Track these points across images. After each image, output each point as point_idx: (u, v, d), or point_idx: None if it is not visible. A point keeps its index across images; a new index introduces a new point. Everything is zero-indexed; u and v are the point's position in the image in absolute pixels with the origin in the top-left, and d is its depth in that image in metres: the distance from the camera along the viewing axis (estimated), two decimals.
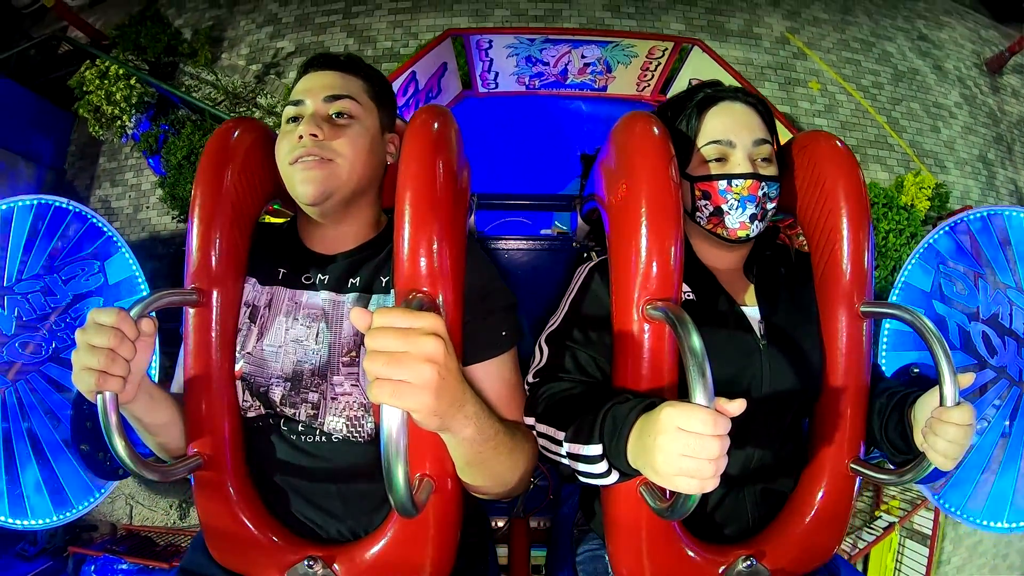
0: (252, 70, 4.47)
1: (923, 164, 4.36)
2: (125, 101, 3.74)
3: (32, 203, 1.79)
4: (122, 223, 4.28)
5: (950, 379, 0.67)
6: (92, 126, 3.90)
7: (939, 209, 3.92)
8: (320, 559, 0.79)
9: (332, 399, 0.81)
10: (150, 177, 4.23)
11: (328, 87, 0.86)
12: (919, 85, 4.76)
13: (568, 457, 0.70)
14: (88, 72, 3.77)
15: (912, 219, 3.41)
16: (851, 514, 0.87)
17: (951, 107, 4.75)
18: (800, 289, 0.91)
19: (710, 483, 0.52)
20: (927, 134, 4.59)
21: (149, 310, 0.70)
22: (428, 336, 0.53)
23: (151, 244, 4.18)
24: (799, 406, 0.88)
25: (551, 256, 1.43)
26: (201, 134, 3.60)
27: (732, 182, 0.83)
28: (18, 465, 1.67)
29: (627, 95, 4.14)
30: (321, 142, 0.81)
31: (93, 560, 2.56)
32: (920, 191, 3.64)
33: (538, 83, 4.05)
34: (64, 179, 4.47)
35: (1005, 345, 1.70)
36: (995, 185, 4.61)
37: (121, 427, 0.66)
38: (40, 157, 4.28)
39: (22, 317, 1.72)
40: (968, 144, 4.65)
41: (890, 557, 3.25)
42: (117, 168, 4.41)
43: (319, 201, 0.82)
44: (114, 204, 4.35)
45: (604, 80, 4.02)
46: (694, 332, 0.58)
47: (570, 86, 4.08)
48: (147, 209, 4.26)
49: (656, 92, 4.07)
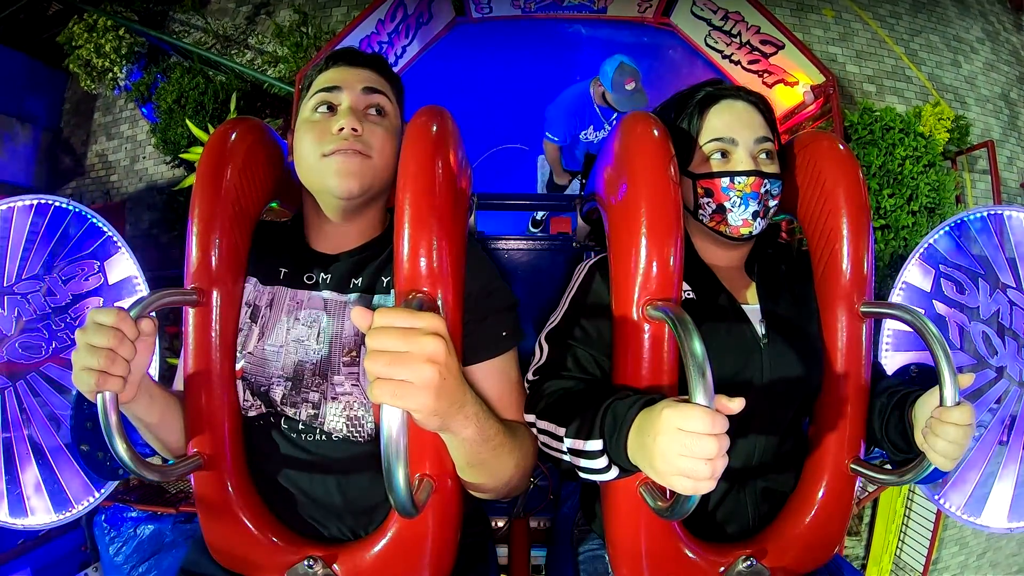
0: (242, 11, 4.38)
1: (942, 98, 4.18)
2: (115, 52, 3.73)
3: (32, 203, 1.79)
4: (119, 175, 4.30)
5: (950, 379, 0.67)
6: (84, 80, 3.89)
7: (958, 143, 3.77)
8: (320, 559, 0.79)
9: (332, 399, 0.81)
10: (145, 127, 4.21)
11: (365, 79, 0.86)
12: (939, 17, 4.56)
13: (569, 453, 0.70)
14: (76, 27, 3.74)
15: (930, 147, 3.27)
16: (852, 514, 0.88)
17: (972, 42, 4.57)
18: (801, 288, 0.91)
19: (708, 483, 0.52)
20: (947, 68, 4.42)
21: (149, 310, 0.70)
22: (429, 336, 0.53)
23: (148, 193, 4.19)
24: (799, 405, 0.88)
25: (551, 256, 1.43)
26: (191, 76, 3.56)
27: (734, 179, 0.84)
28: (18, 465, 1.67)
29: (628, 17, 3.95)
30: (360, 136, 0.81)
31: (104, 510, 2.58)
32: (939, 122, 3.51)
33: (534, 5, 3.85)
34: (60, 138, 4.48)
35: (1005, 345, 1.70)
36: (1017, 125, 4.47)
37: (121, 427, 0.66)
38: (35, 118, 4.28)
39: (22, 317, 1.72)
40: (990, 81, 4.49)
41: (900, 502, 3.22)
42: (112, 121, 4.40)
43: (354, 196, 0.81)
44: (111, 157, 4.36)
45: (603, 1, 3.83)
46: (694, 333, 0.58)
47: (568, 8, 3.88)
48: (143, 159, 4.27)
49: (659, 14, 3.90)
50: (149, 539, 2.58)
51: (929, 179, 3.21)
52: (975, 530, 3.70)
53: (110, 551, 2.56)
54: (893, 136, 3.22)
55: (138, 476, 0.70)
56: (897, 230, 3.17)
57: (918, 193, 3.19)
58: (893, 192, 3.19)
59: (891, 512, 3.23)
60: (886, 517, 3.25)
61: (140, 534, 2.59)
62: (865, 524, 3.54)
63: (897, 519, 3.25)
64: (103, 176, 4.38)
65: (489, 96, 3.78)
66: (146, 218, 4.19)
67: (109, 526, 2.61)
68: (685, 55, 4.00)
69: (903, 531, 3.31)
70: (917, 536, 3.25)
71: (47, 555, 2.52)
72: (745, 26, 3.62)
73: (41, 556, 2.48)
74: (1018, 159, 4.41)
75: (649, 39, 4.00)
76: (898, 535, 3.33)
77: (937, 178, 3.24)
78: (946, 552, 3.78)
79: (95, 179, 4.36)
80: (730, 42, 3.76)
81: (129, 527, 2.60)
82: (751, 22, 3.58)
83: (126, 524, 2.61)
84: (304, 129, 0.84)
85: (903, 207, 3.18)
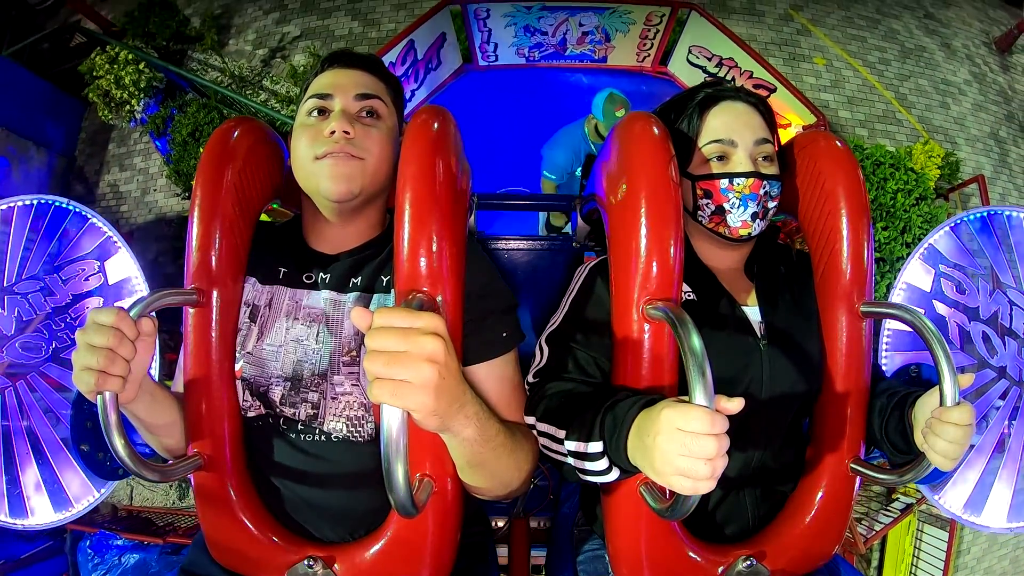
0: (259, 55, 4.55)
1: (933, 139, 4.27)
2: (134, 85, 3.82)
3: (32, 203, 1.79)
4: (130, 206, 4.40)
5: (950, 379, 0.67)
6: (101, 110, 3.99)
7: (950, 179, 3.82)
8: (320, 559, 0.79)
9: (332, 399, 0.81)
10: (157, 160, 4.32)
11: (359, 84, 0.86)
12: (927, 62, 4.70)
13: (570, 455, 0.70)
14: (98, 58, 3.83)
15: (921, 181, 3.31)
16: (851, 514, 0.88)
17: (960, 84, 4.69)
18: (801, 289, 0.91)
19: (708, 483, 0.52)
20: (936, 110, 4.54)
21: (149, 310, 0.70)
22: (429, 336, 0.53)
23: (157, 225, 4.29)
24: (800, 406, 0.88)
25: (551, 256, 1.43)
26: (206, 112, 3.65)
27: (734, 181, 0.84)
28: (18, 465, 1.67)
29: (627, 66, 4.09)
30: (352, 139, 0.81)
31: (89, 536, 2.57)
32: (930, 159, 3.56)
33: (538, 54, 4.01)
34: (74, 165, 4.57)
35: (1005, 345, 1.70)
36: (1008, 162, 4.57)
37: (121, 427, 0.66)
38: (51, 143, 4.35)
39: (22, 317, 1.72)
40: (979, 121, 4.60)
41: (908, 540, 3.18)
42: (126, 153, 4.51)
43: (346, 199, 0.81)
44: (122, 188, 4.46)
45: (603, 50, 3.99)
46: (694, 332, 0.58)
47: (570, 57, 4.05)
48: (154, 192, 4.37)
49: (656, 63, 4.03)
50: (134, 568, 2.56)
51: (921, 211, 3.25)
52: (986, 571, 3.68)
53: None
54: (884, 171, 3.27)
55: (138, 476, 0.70)
56: (892, 262, 3.20)
57: (911, 225, 3.22)
58: (887, 225, 3.23)
59: (900, 552, 3.20)
60: (895, 558, 3.21)
61: (124, 563, 2.57)
62: (874, 568, 3.50)
63: (906, 559, 3.21)
64: (113, 206, 4.47)
65: (494, 141, 3.87)
66: (153, 248, 4.29)
67: (94, 552, 2.59)
68: None
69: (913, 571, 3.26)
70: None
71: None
72: (739, 71, 3.74)
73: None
74: (1011, 195, 4.50)
75: (647, 87, 4.14)
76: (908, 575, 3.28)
77: (929, 210, 3.28)
78: None
79: (105, 208, 4.44)
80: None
81: (114, 555, 2.59)
82: (744, 67, 3.70)
83: (111, 552, 2.59)
84: (299, 133, 0.84)
85: (896, 239, 3.22)
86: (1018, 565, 3.92)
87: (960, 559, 3.66)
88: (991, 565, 3.87)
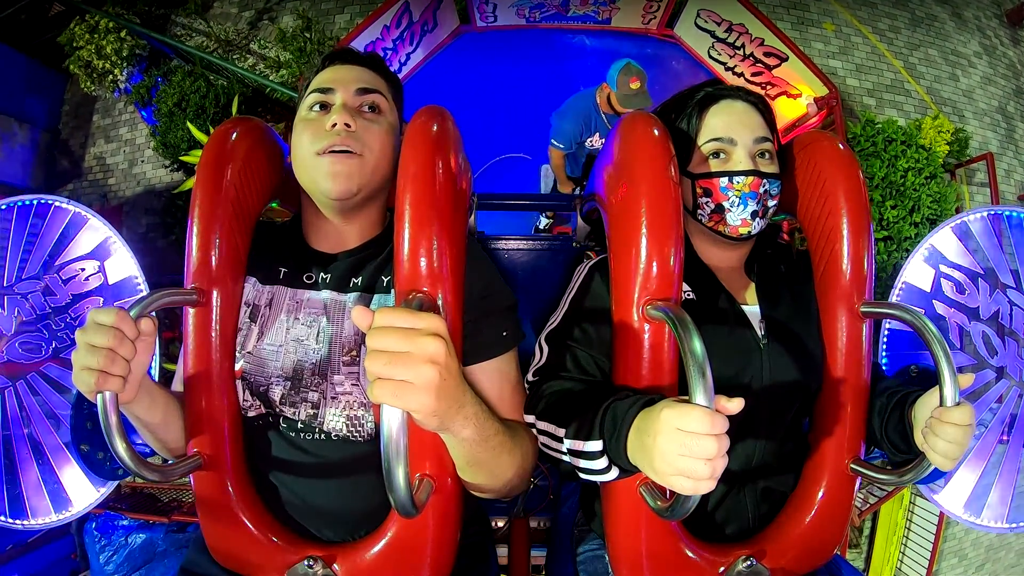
0: (245, 16, 4.36)
1: (940, 111, 4.22)
2: (116, 54, 3.69)
3: (32, 203, 1.79)
4: (117, 179, 4.28)
5: (950, 379, 0.67)
6: (84, 82, 3.86)
7: (958, 155, 3.80)
8: (320, 559, 0.79)
9: (332, 398, 0.81)
10: (144, 131, 4.20)
11: (360, 79, 0.86)
12: (937, 31, 4.62)
13: (569, 454, 0.70)
14: (78, 28, 3.70)
15: (932, 159, 3.29)
16: (851, 514, 0.88)
17: (970, 56, 4.63)
18: (801, 288, 0.91)
19: (708, 483, 0.52)
20: (945, 81, 4.47)
21: (149, 310, 0.70)
22: (429, 336, 0.53)
23: (145, 197, 4.17)
24: (799, 405, 0.88)
25: (551, 256, 1.43)
26: (192, 80, 3.53)
27: (733, 179, 0.84)
28: (18, 465, 1.67)
29: (632, 28, 3.94)
30: (353, 133, 0.81)
31: (95, 518, 2.56)
32: (939, 135, 3.54)
33: (539, 15, 3.82)
34: (59, 139, 4.45)
35: (1005, 345, 1.70)
36: (1014, 138, 4.52)
37: (121, 427, 0.66)
38: (34, 119, 4.24)
39: (22, 317, 1.72)
40: (987, 95, 4.55)
41: (900, 513, 3.20)
42: (111, 124, 4.39)
43: (346, 196, 0.81)
44: (109, 160, 4.34)
45: (608, 12, 3.82)
46: (695, 333, 0.58)
47: (572, 18, 3.87)
48: (142, 163, 4.25)
49: (662, 25, 3.89)
50: (141, 548, 2.56)
51: (931, 191, 3.24)
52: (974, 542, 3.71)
53: (100, 559, 2.53)
54: (895, 148, 3.25)
55: (138, 476, 0.70)
56: (900, 241, 3.19)
57: (920, 204, 3.21)
58: (896, 204, 3.21)
59: (892, 524, 3.21)
60: (887, 529, 3.23)
61: (131, 543, 2.57)
62: (865, 537, 3.54)
63: (898, 531, 3.24)
64: (101, 179, 4.37)
65: (492, 105, 3.77)
66: (143, 222, 4.18)
67: (100, 534, 2.58)
68: (688, 67, 4.01)
69: (904, 543, 3.30)
70: (918, 548, 3.23)
71: (36, 562, 2.50)
72: (749, 38, 3.61)
73: (30, 563, 2.46)
74: (1015, 172, 4.46)
75: (652, 50, 4.01)
76: (899, 547, 3.31)
77: (939, 190, 3.27)
78: (945, 564, 3.80)
79: (92, 182, 4.35)
80: (733, 54, 3.75)
81: (120, 535, 2.58)
82: (755, 34, 3.57)
83: (117, 532, 2.59)
84: (299, 128, 0.84)
85: (906, 218, 3.21)
86: (1004, 536, 3.93)
87: (949, 530, 3.69)
88: (978, 537, 3.91)
